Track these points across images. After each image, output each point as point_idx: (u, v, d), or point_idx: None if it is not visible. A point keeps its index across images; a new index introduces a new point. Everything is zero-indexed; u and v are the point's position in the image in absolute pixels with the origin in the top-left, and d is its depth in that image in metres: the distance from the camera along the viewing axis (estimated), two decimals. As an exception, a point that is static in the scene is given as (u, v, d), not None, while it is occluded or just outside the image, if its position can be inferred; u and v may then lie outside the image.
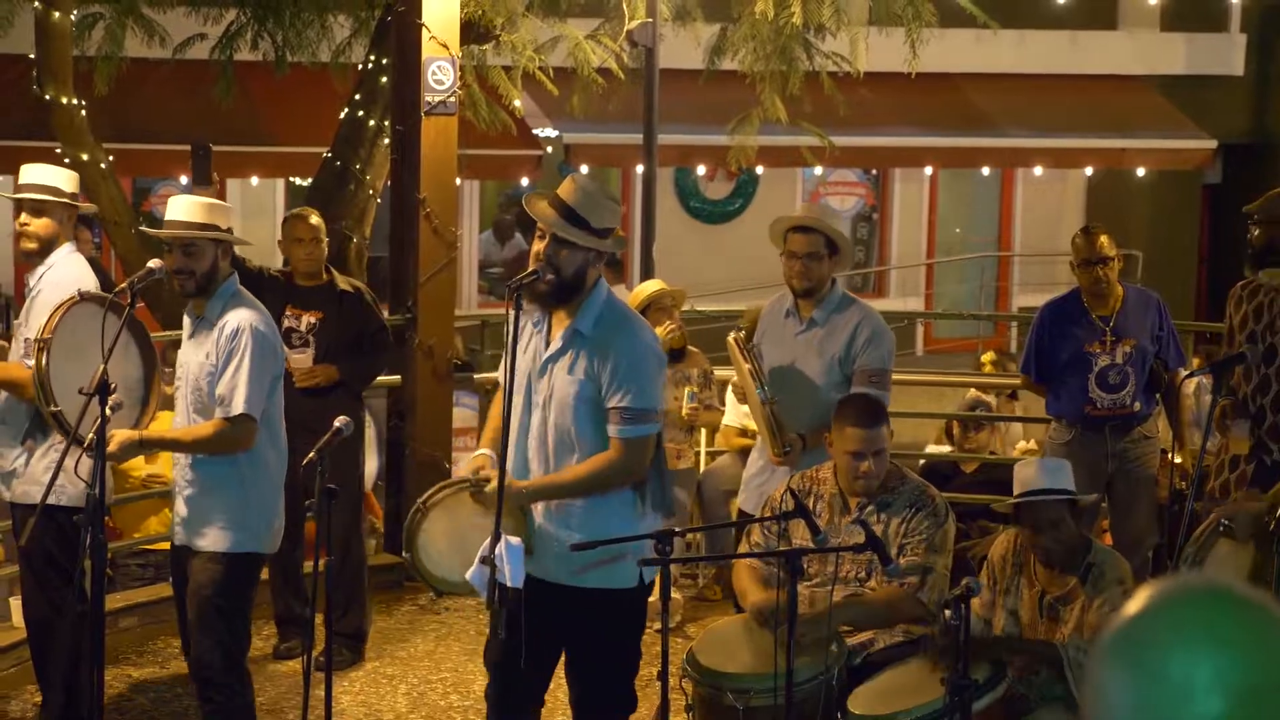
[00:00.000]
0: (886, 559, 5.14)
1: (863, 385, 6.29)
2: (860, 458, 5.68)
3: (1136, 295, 7.58)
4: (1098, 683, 1.69)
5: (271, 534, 5.78)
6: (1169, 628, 1.66)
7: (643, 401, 5.11)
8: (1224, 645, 1.64)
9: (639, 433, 5.12)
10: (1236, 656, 1.63)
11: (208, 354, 5.64)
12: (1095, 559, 5.40)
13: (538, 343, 5.23)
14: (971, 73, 18.26)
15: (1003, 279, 20.65)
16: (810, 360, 6.42)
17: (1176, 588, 1.71)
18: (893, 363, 6.50)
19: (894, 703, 5.17)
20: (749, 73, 11.57)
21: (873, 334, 6.39)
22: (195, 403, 5.69)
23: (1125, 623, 1.69)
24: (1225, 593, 1.68)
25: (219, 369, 5.61)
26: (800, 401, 6.35)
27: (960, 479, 9.39)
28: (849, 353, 6.36)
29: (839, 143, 12.95)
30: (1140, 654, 1.66)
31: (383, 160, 10.21)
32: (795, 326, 6.51)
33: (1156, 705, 1.63)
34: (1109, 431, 7.41)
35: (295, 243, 7.81)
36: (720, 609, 8.20)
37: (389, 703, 7.22)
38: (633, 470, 5.13)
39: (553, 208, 5.14)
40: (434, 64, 8.77)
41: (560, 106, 12.74)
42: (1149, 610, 1.69)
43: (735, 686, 5.26)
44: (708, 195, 19.40)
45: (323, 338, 7.67)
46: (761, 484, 6.53)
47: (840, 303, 6.47)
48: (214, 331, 5.65)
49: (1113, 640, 1.69)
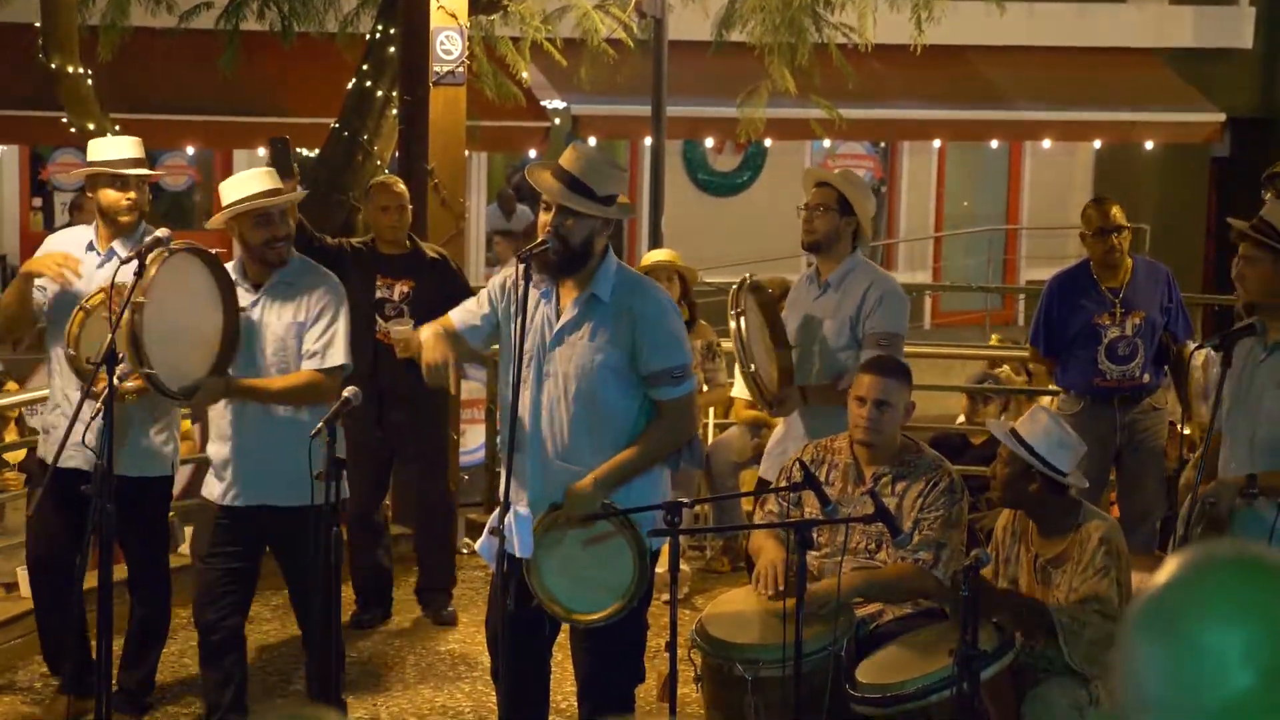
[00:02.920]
0: (896, 530, 5.14)
1: (873, 348, 6.25)
2: (862, 403, 5.66)
3: (1146, 267, 7.57)
4: (1128, 653, 1.65)
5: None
6: (1200, 598, 1.63)
7: (683, 358, 5.20)
8: (1255, 618, 1.61)
9: (687, 390, 5.21)
10: (1267, 631, 1.60)
11: (294, 313, 5.90)
12: (1084, 521, 5.38)
13: (547, 313, 5.21)
14: (980, 45, 18.19)
15: (1010, 252, 20.62)
16: (825, 322, 6.43)
17: (1206, 557, 1.68)
18: (905, 328, 6.47)
19: (902, 672, 5.17)
20: (757, 44, 11.53)
21: (883, 296, 6.36)
22: (279, 363, 5.90)
23: (1155, 592, 1.66)
24: (1256, 562, 1.65)
25: (308, 324, 5.89)
26: (812, 362, 6.40)
27: (970, 452, 9.38)
28: (860, 314, 6.35)
29: (847, 115, 12.91)
30: (1172, 625, 1.62)
31: (390, 131, 10.18)
32: (814, 291, 6.53)
33: (1190, 677, 1.60)
34: (1118, 403, 7.41)
35: (381, 211, 7.77)
36: (728, 581, 8.20)
37: (398, 672, 7.23)
38: (688, 428, 5.26)
39: (556, 178, 5.12)
40: (442, 34, 8.75)
41: (568, 78, 12.72)
42: (1179, 579, 1.65)
43: (744, 657, 5.25)
44: (716, 168, 19.36)
45: (417, 306, 7.51)
46: (782, 452, 6.52)
47: (857, 267, 6.46)
48: (296, 292, 5.92)
49: (1143, 610, 1.66)
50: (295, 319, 5.91)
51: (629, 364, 5.16)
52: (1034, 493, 5.39)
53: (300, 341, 5.90)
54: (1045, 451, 5.34)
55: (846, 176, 6.74)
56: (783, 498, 5.73)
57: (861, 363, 5.93)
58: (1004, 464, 5.45)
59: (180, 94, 14.81)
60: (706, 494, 8.56)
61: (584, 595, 5.15)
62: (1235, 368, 5.39)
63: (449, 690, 7.03)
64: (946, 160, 20.45)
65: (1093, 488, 6.71)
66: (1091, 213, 7.49)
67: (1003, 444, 5.46)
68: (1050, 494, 5.38)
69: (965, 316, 19.66)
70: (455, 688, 7.06)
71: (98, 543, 5.41)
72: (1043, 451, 5.33)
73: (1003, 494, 5.54)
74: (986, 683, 4.94)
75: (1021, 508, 5.50)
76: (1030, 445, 5.35)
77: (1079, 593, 5.26)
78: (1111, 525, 5.47)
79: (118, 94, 12.44)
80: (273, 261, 5.95)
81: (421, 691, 7.01)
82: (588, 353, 5.15)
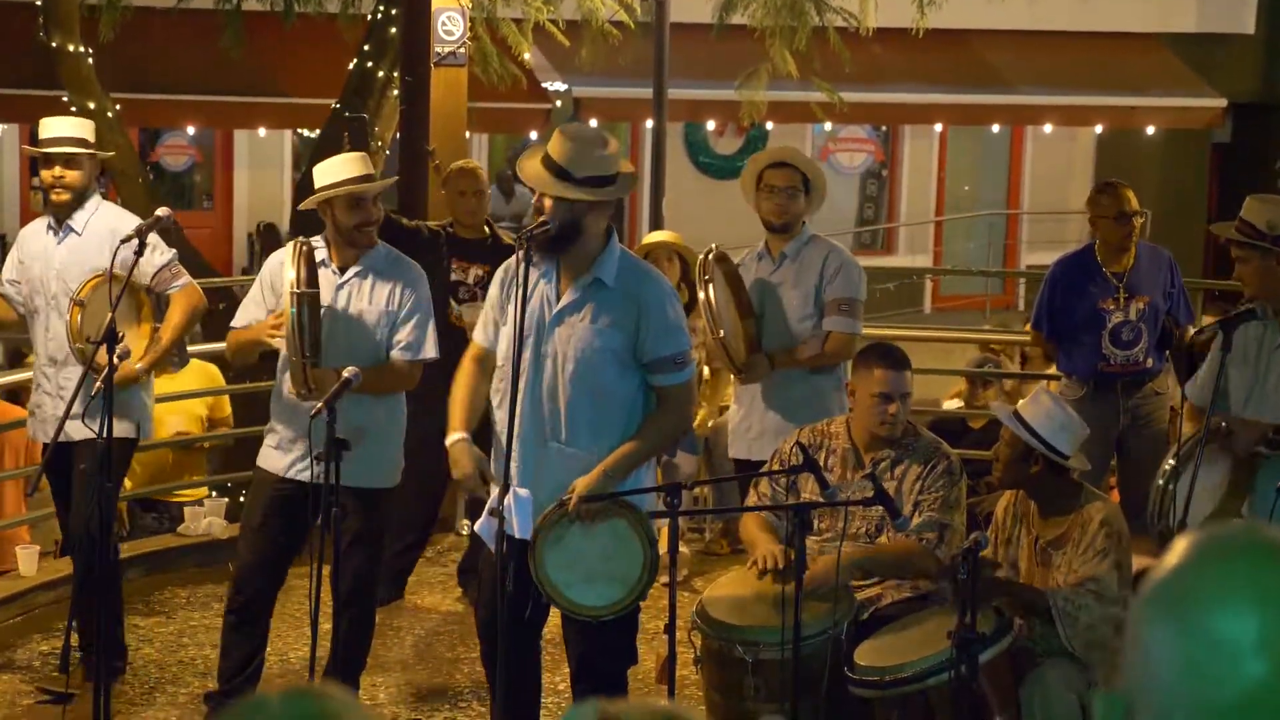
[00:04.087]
0: (896, 513, 5.14)
1: (834, 314, 6.60)
2: (888, 400, 5.65)
3: (1149, 252, 7.58)
4: (1140, 639, 1.60)
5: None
6: (1212, 582, 1.57)
7: (685, 344, 5.26)
8: (1270, 604, 1.54)
9: (688, 376, 5.27)
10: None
11: (385, 302, 5.94)
12: (1084, 503, 5.39)
13: (547, 293, 5.22)
14: (982, 29, 18.18)
15: (1011, 236, 20.62)
16: (786, 293, 6.69)
17: (1217, 539, 1.62)
18: (863, 294, 6.74)
19: (901, 655, 5.18)
20: (758, 27, 11.52)
21: (842, 264, 6.69)
22: (369, 349, 5.90)
23: (1165, 575, 1.60)
24: (1269, 546, 1.58)
25: (400, 315, 5.95)
26: (776, 334, 6.65)
27: (969, 436, 9.38)
28: (821, 282, 6.62)
29: (849, 98, 12.91)
30: (1183, 610, 1.57)
31: (392, 112, 10.16)
32: (768, 265, 6.76)
33: (1204, 665, 1.54)
34: (1121, 388, 7.41)
35: (459, 195, 7.77)
36: (727, 563, 8.20)
37: (396, 654, 7.23)
38: (690, 414, 5.29)
39: (544, 167, 5.13)
40: (444, 14, 8.74)
41: (570, 60, 12.71)
42: (1190, 562, 1.60)
43: (745, 639, 5.26)
44: (717, 150, 19.35)
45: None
46: (748, 429, 6.81)
47: (811, 239, 6.77)
48: (385, 280, 5.93)
49: (1153, 594, 1.61)
50: (387, 308, 5.94)
51: (630, 348, 5.18)
52: (1035, 474, 5.40)
53: (391, 330, 5.94)
54: (1047, 434, 5.35)
55: (804, 156, 7.08)
56: (776, 482, 5.74)
57: (869, 352, 5.90)
58: (1006, 445, 5.47)
59: (181, 74, 14.80)
60: (706, 477, 8.56)
61: (592, 587, 5.14)
62: (1243, 355, 5.43)
63: (448, 671, 7.04)
64: (948, 144, 20.44)
65: (1095, 472, 6.73)
66: (1106, 200, 7.47)
67: (1005, 425, 5.47)
68: (1051, 476, 5.39)
69: (965, 300, 19.67)
70: (455, 669, 7.06)
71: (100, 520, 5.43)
72: (1045, 434, 5.34)
73: (1004, 475, 5.55)
74: (985, 665, 4.94)
75: (1022, 489, 5.51)
76: (1032, 427, 5.36)
77: (1077, 574, 5.27)
78: (1113, 507, 5.48)
79: (118, 73, 12.42)
80: (362, 245, 5.95)
81: (420, 672, 7.02)
82: (589, 335, 5.15)
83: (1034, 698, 5.16)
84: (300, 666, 6.51)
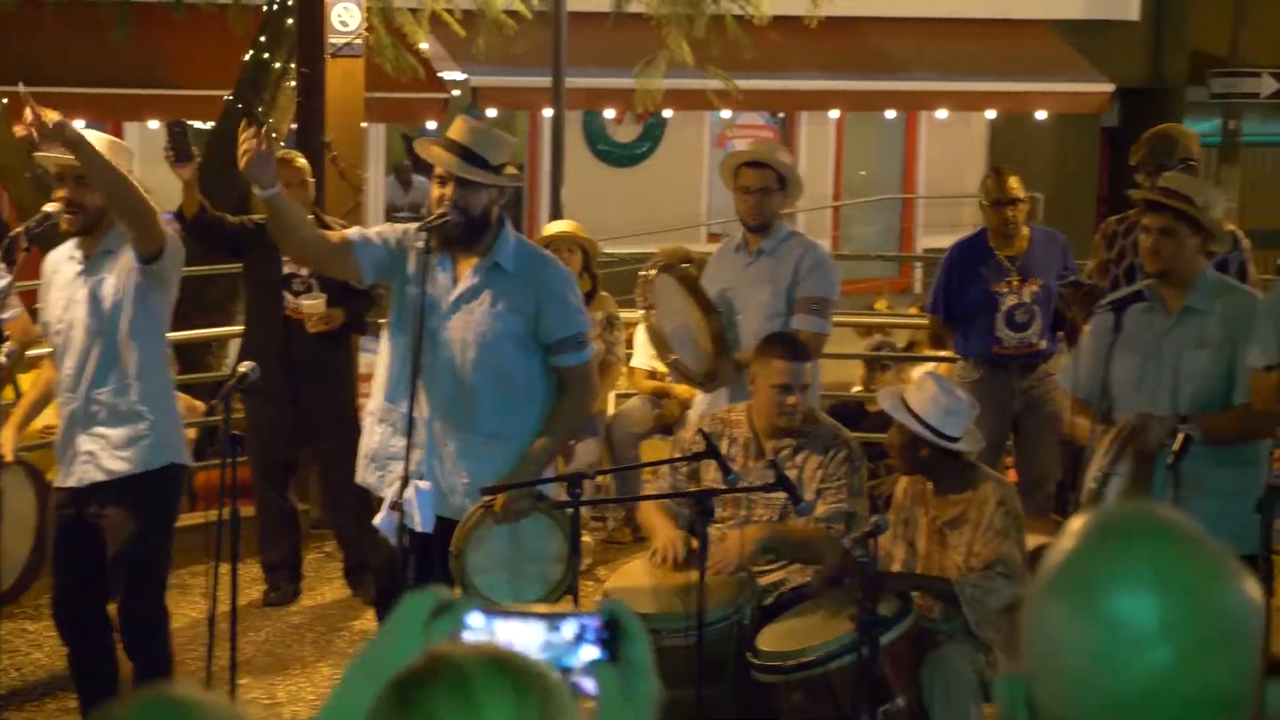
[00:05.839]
0: (798, 499, 5.18)
1: (803, 313, 6.45)
2: (788, 391, 5.69)
3: (1042, 235, 7.68)
4: (1041, 623, 1.58)
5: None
6: (1111, 565, 1.55)
7: (585, 324, 5.32)
8: (1170, 588, 1.53)
9: (589, 355, 5.32)
10: (1185, 604, 1.53)
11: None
12: (980, 483, 5.45)
13: (444, 282, 5.22)
14: (876, 17, 18.31)
15: (907, 221, 20.79)
16: (759, 289, 6.56)
17: (1113, 521, 1.60)
18: (837, 293, 6.65)
19: (803, 639, 5.22)
20: (655, 15, 11.53)
21: (816, 263, 6.55)
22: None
23: (1066, 559, 1.58)
24: (1168, 529, 1.57)
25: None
26: (749, 329, 6.49)
27: (867, 419, 9.45)
28: (795, 280, 6.50)
29: (745, 86, 12.93)
30: (1086, 594, 1.54)
31: (287, 103, 10.08)
32: (745, 259, 6.64)
33: (1109, 652, 1.52)
34: (1016, 370, 7.51)
35: (282, 187, 7.66)
36: (630, 551, 8.23)
37: (295, 651, 7.19)
38: (595, 394, 5.34)
39: (449, 151, 5.14)
40: (339, 5, 8.67)
41: (467, 49, 12.64)
42: (1087, 546, 1.57)
43: (648, 627, 5.25)
44: (616, 138, 19.34)
45: (326, 280, 7.39)
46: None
47: (788, 235, 6.65)
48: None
49: (1053, 578, 1.58)
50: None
51: (530, 332, 5.21)
52: (925, 458, 5.46)
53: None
54: (933, 419, 5.40)
55: (775, 151, 6.95)
56: (676, 470, 5.76)
57: (768, 343, 5.91)
58: (895, 432, 5.53)
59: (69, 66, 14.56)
60: (608, 465, 8.58)
61: (512, 586, 5.15)
62: (1135, 338, 5.44)
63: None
64: (844, 130, 20.56)
65: (991, 452, 6.83)
66: (990, 183, 7.58)
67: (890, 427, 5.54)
68: (943, 458, 5.45)
69: (864, 285, 19.80)
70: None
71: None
72: (930, 419, 5.40)
73: (899, 462, 5.61)
74: (886, 648, 5.00)
75: (917, 473, 5.57)
76: (918, 414, 5.42)
77: (981, 556, 5.33)
78: (1007, 487, 5.56)
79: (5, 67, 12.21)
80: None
81: (320, 669, 6.97)
82: (488, 320, 5.17)
83: (934, 678, 5.22)
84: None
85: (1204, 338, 5.40)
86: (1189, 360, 5.40)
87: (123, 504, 5.58)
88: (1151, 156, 6.80)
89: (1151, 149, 6.84)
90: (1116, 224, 7.09)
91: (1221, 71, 19.53)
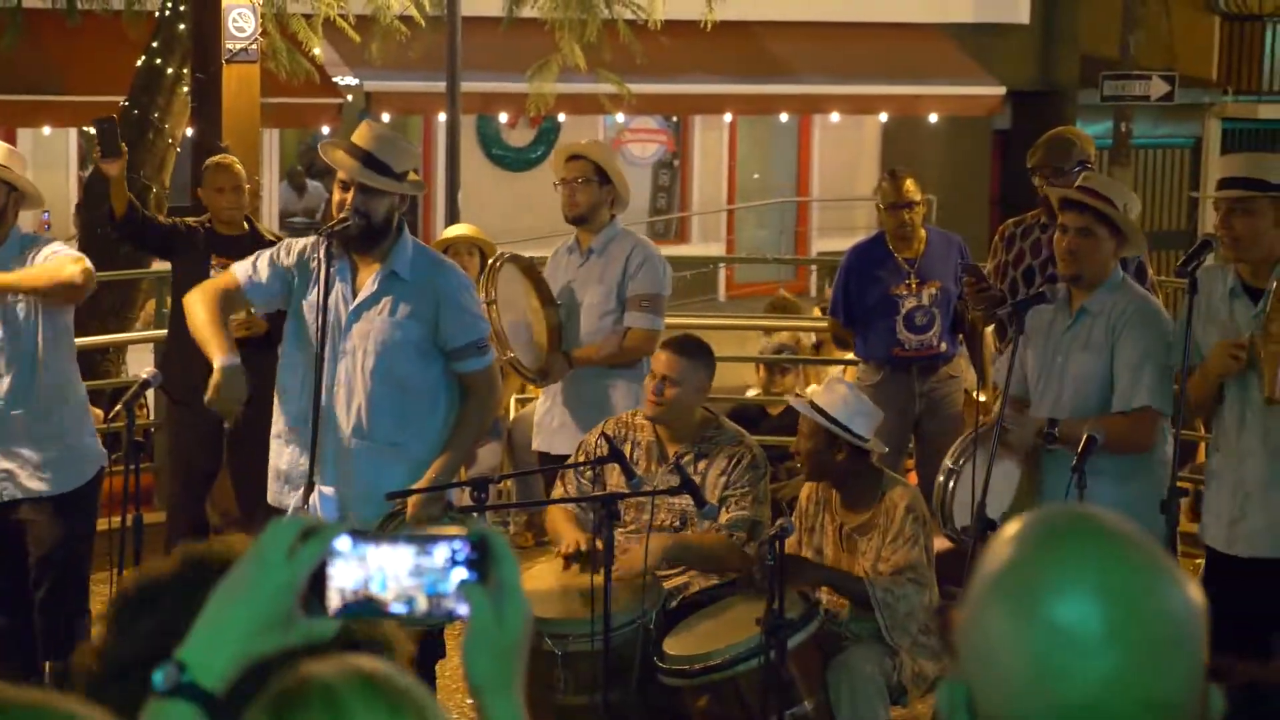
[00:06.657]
0: (701, 502, 5.19)
1: (635, 310, 6.60)
2: (653, 379, 5.74)
3: (939, 238, 7.75)
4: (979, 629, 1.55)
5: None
6: (1051, 570, 1.52)
7: (485, 329, 5.37)
8: (1112, 593, 1.51)
9: (490, 360, 5.35)
10: (1129, 610, 1.51)
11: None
12: (887, 489, 5.51)
13: (343, 290, 5.22)
14: (768, 21, 18.41)
15: (802, 223, 20.93)
16: (591, 288, 6.71)
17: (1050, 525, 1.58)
18: (668, 289, 6.76)
19: (709, 643, 5.23)
20: (548, 20, 11.54)
21: (644, 260, 6.68)
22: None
23: (1002, 564, 1.55)
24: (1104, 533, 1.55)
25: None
26: (579, 329, 6.68)
27: (768, 422, 9.50)
28: (624, 278, 6.63)
29: (638, 90, 12.97)
30: (1025, 600, 1.52)
31: (182, 109, 10.01)
32: (577, 259, 6.79)
33: (1052, 659, 1.50)
34: (916, 372, 7.57)
35: (217, 192, 7.55)
36: (532, 555, 8.22)
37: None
38: (498, 397, 5.37)
39: (352, 156, 5.14)
40: (234, 11, 8.63)
41: (361, 54, 12.59)
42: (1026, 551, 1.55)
43: (553, 631, 5.28)
44: (510, 143, 19.32)
45: None
46: (551, 422, 6.82)
47: (618, 234, 6.77)
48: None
49: (991, 583, 1.55)
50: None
51: (429, 339, 5.23)
52: (840, 462, 5.48)
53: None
54: (846, 419, 5.44)
55: (599, 147, 7.04)
56: (580, 474, 5.78)
57: (671, 338, 6.00)
58: (807, 438, 5.53)
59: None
60: (509, 468, 8.57)
61: None
62: (1037, 338, 5.53)
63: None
64: (738, 134, 20.67)
65: (892, 454, 6.90)
66: (886, 186, 7.64)
67: (803, 417, 5.55)
68: (855, 462, 5.48)
69: (759, 288, 19.91)
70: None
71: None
72: (844, 420, 5.43)
73: (809, 468, 5.61)
74: (793, 651, 5.03)
75: (827, 479, 5.59)
76: (831, 415, 5.45)
77: (891, 563, 5.36)
78: (915, 493, 5.61)
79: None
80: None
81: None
82: (388, 328, 5.18)
83: (840, 681, 5.25)
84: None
85: (1090, 340, 5.48)
86: (1074, 363, 5.49)
87: (45, 515, 5.72)
88: (1048, 159, 6.88)
89: (1048, 152, 6.93)
90: (1014, 226, 7.16)
91: (1112, 74, 19.80)
